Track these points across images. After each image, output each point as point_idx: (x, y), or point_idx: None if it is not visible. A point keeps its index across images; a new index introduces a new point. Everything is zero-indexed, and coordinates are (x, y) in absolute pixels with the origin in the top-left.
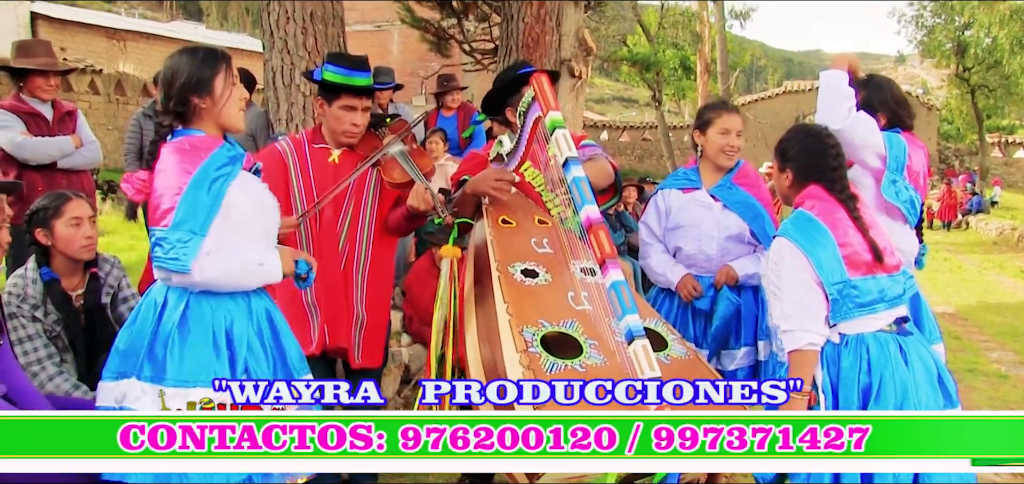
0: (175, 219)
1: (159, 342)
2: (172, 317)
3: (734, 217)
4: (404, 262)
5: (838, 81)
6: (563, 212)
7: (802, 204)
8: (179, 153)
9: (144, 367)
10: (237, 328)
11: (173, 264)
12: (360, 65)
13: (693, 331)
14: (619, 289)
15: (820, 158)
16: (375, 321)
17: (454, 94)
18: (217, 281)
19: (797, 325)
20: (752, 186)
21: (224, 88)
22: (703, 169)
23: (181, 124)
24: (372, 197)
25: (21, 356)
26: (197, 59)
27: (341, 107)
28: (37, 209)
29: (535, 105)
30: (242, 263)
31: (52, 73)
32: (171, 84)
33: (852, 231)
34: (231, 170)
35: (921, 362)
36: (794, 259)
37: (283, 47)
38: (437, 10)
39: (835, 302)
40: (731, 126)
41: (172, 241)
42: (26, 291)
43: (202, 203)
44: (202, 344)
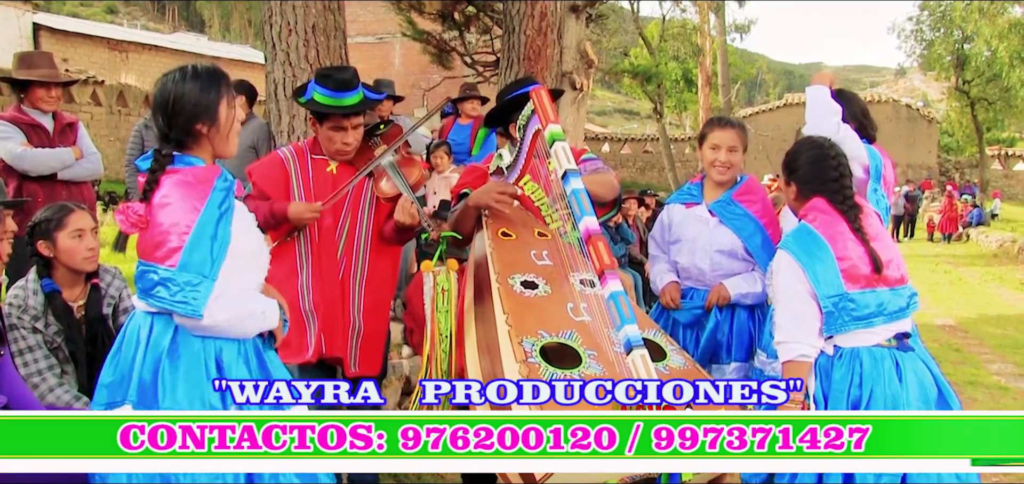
0: (183, 260)
1: (147, 370)
2: (161, 344)
3: (727, 232)
4: (405, 273)
5: (824, 95)
6: (562, 227)
7: (805, 216)
8: (184, 186)
9: (131, 392)
10: (226, 355)
11: (183, 308)
12: (346, 85)
13: (683, 345)
14: (618, 300)
15: (823, 170)
16: (372, 330)
17: (474, 103)
18: (226, 327)
19: (790, 336)
20: (753, 203)
21: (227, 115)
22: (707, 184)
23: (178, 150)
24: (368, 208)
25: (22, 367)
26: (200, 82)
27: (330, 129)
28: (39, 221)
29: (535, 118)
30: (249, 311)
31: (53, 84)
32: (174, 111)
33: (853, 243)
34: (230, 203)
35: (917, 379)
36: (791, 271)
37: (285, 59)
38: (439, 23)
39: (830, 315)
40: (720, 141)
41: (180, 283)
42: (27, 302)
43: (212, 245)
44: (194, 372)
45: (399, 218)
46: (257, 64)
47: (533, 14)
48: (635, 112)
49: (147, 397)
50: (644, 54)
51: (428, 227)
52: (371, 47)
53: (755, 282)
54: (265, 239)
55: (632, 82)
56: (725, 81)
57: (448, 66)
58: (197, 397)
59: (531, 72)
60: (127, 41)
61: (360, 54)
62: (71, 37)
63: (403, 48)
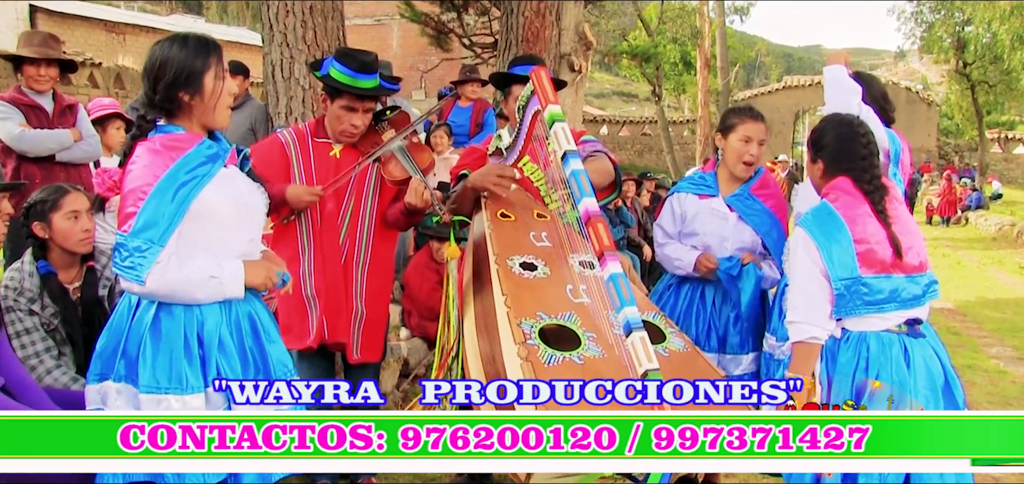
0: (135, 226)
1: (132, 343)
2: (144, 319)
3: (749, 230)
4: (403, 256)
5: (842, 74)
6: (562, 207)
7: (827, 195)
8: (151, 153)
9: (119, 366)
10: (208, 327)
11: (128, 273)
12: (367, 67)
13: (695, 329)
14: (617, 282)
15: (851, 147)
16: (374, 316)
17: (473, 86)
18: (166, 293)
19: (801, 317)
20: (770, 196)
21: (214, 86)
22: (721, 175)
23: (165, 118)
24: (372, 192)
25: (19, 349)
26: (187, 50)
27: (342, 107)
28: (35, 202)
29: (534, 99)
30: (186, 274)
31: (43, 62)
32: (158, 77)
33: (873, 226)
34: (208, 170)
35: (925, 366)
36: (807, 250)
37: (282, 41)
38: (437, 4)
39: (841, 297)
40: (753, 134)
41: (130, 248)
42: (23, 284)
43: (165, 211)
44: (174, 349)
45: (410, 200)
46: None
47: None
48: (633, 95)
49: (131, 372)
50: (643, 36)
51: (439, 210)
52: (369, 29)
53: (771, 267)
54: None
55: (631, 64)
56: (724, 64)
57: (446, 48)
58: (174, 373)
59: (529, 54)
60: (124, 23)
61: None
62: (68, 19)
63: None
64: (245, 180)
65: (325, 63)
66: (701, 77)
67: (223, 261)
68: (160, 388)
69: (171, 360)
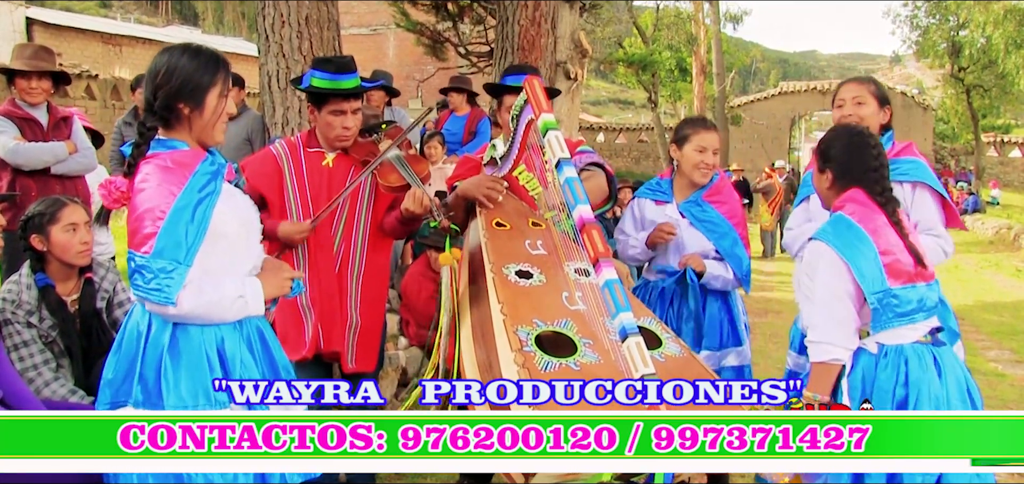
0: (157, 246)
1: (149, 367)
2: (160, 341)
3: (698, 235)
4: (398, 264)
5: None
6: (557, 216)
7: (842, 208)
8: (163, 171)
9: (136, 391)
10: (228, 345)
11: (156, 296)
12: (345, 67)
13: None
14: (612, 288)
15: (863, 159)
16: (369, 325)
17: (460, 96)
18: (200, 315)
19: (824, 337)
20: (723, 202)
21: (217, 104)
22: (677, 182)
23: (162, 128)
24: (367, 201)
25: (17, 362)
26: (196, 62)
27: (330, 112)
28: (32, 215)
29: (528, 108)
30: (223, 296)
31: (35, 75)
32: (161, 83)
33: (893, 237)
34: (214, 187)
35: (954, 376)
36: (832, 267)
37: (278, 51)
38: (432, 14)
39: (875, 312)
40: (707, 144)
41: (154, 270)
42: (21, 297)
43: (187, 230)
44: (197, 367)
45: (409, 206)
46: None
47: (527, 4)
48: (630, 102)
49: (151, 397)
50: (638, 43)
51: (438, 216)
52: (365, 39)
53: (726, 269)
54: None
55: (627, 72)
56: (719, 70)
57: (442, 57)
58: (201, 393)
59: (525, 62)
60: (121, 35)
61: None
62: (64, 31)
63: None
64: (242, 195)
65: (305, 77)
66: (697, 83)
67: (244, 280)
68: (187, 405)
69: (195, 378)
